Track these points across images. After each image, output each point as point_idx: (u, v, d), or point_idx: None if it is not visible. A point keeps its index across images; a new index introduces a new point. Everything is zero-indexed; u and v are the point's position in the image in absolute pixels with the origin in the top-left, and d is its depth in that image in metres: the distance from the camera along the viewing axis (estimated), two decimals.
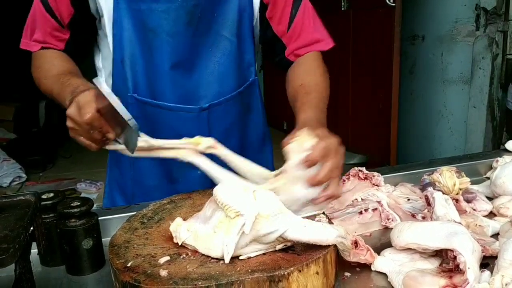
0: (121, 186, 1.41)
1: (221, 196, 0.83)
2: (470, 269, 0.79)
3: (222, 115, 1.33)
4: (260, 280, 0.75)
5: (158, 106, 1.27)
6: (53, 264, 1.01)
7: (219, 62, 1.28)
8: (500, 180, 1.15)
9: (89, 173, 4.65)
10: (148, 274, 0.78)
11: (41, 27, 1.24)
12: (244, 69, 1.34)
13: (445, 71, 3.38)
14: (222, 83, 1.30)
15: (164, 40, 1.21)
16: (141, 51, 1.22)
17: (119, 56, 1.23)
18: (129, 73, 1.24)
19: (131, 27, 1.20)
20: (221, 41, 1.27)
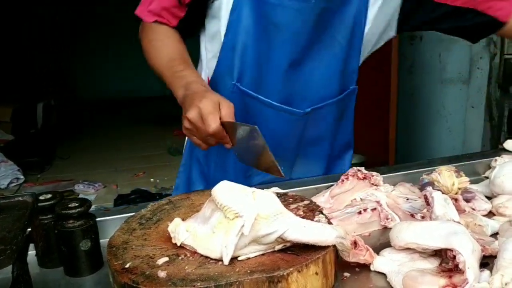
0: (202, 168, 1.43)
1: (220, 197, 0.83)
2: (469, 268, 0.79)
3: (319, 120, 1.34)
4: (259, 281, 0.75)
5: (261, 102, 1.27)
6: (51, 266, 1.00)
7: (327, 66, 1.28)
8: (498, 180, 1.14)
9: (87, 174, 4.64)
10: (147, 275, 0.78)
11: (161, 1, 1.25)
12: (347, 75, 1.34)
13: (444, 71, 3.39)
14: (326, 87, 1.31)
15: (287, 37, 1.21)
16: (256, 43, 1.22)
17: (230, 42, 1.23)
18: (237, 61, 1.24)
19: (250, 18, 1.20)
20: (334, 45, 1.27)
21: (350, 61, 1.32)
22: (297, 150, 1.37)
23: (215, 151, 1.35)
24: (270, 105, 1.27)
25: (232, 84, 1.25)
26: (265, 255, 0.82)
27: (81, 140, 5.77)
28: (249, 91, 1.25)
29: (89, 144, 5.67)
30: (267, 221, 0.80)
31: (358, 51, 1.32)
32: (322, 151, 1.42)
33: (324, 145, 1.41)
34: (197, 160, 1.43)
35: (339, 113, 1.38)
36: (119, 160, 5.12)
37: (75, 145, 5.57)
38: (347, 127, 1.45)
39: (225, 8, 1.21)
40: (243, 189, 0.84)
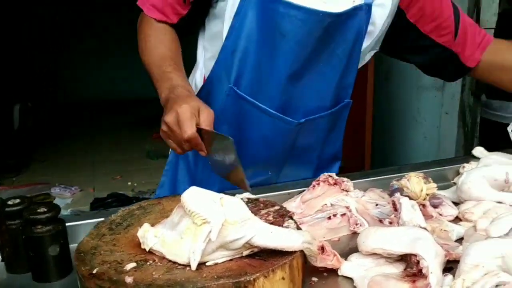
0: (190, 167, 1.42)
1: (188, 203, 0.83)
2: (432, 273, 0.81)
3: (310, 130, 1.35)
4: (226, 286, 0.76)
5: (257, 107, 1.27)
6: (19, 272, 0.99)
7: (324, 79, 1.29)
8: (465, 186, 1.17)
9: (64, 177, 4.58)
10: (114, 281, 0.78)
11: None
12: (342, 89, 1.35)
13: (419, 78, 3.43)
14: (321, 99, 1.32)
15: (291, 47, 1.21)
16: (258, 49, 1.22)
17: (231, 45, 1.22)
18: (236, 65, 1.23)
19: (255, 23, 1.19)
20: (334, 59, 1.27)
21: (347, 76, 1.33)
22: (286, 158, 1.38)
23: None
24: (265, 112, 1.27)
25: (229, 87, 1.25)
26: (232, 260, 0.83)
27: (59, 143, 5.69)
28: (245, 95, 1.25)
29: (67, 147, 5.59)
30: (235, 227, 0.81)
31: (355, 66, 1.33)
32: (310, 160, 1.43)
33: (312, 155, 1.42)
34: (185, 158, 1.42)
35: (330, 125, 1.39)
36: (97, 163, 5.06)
37: (53, 148, 5.50)
38: (336, 138, 1.46)
39: (230, 10, 1.21)
40: (211, 195, 0.85)
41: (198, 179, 1.38)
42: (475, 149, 1.44)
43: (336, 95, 1.34)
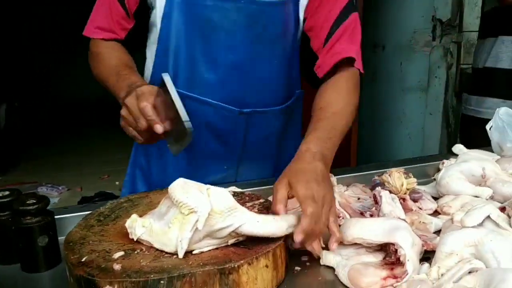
0: (145, 174, 1.43)
1: (176, 193, 0.86)
2: (409, 261, 0.85)
3: (263, 123, 1.35)
4: (211, 272, 0.78)
5: (197, 101, 1.28)
6: (7, 262, 1.01)
7: (272, 72, 1.30)
8: (444, 181, 1.21)
9: (52, 177, 4.57)
10: (102, 268, 0.80)
11: (109, 14, 1.28)
12: (292, 81, 1.36)
13: (404, 79, 3.50)
14: (271, 93, 1.32)
15: (222, 36, 1.23)
16: (189, 45, 1.24)
17: (163, 47, 1.26)
18: (170, 64, 1.26)
19: (181, 22, 1.22)
20: (278, 50, 1.28)
21: (294, 67, 1.35)
22: (240, 153, 1.38)
23: (156, 155, 1.38)
24: (206, 103, 1.28)
25: None
26: (218, 249, 0.85)
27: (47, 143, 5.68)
28: (183, 91, 1.25)
29: (54, 147, 5.59)
30: (222, 216, 0.84)
31: (297, 56, 1.35)
32: (268, 156, 1.43)
33: (269, 151, 1.42)
34: (141, 168, 1.44)
35: (285, 117, 1.40)
36: (84, 163, 5.06)
37: (40, 148, 5.49)
38: (296, 131, 1.47)
39: (159, 15, 1.25)
40: (198, 186, 0.88)
41: (154, 185, 1.38)
42: (454, 146, 1.49)
43: (287, 88, 1.36)
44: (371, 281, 0.85)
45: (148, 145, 1.27)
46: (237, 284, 0.80)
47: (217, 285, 0.79)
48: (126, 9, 1.27)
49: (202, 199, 0.84)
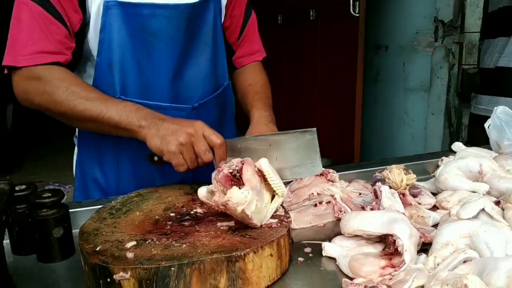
0: (100, 184, 1.42)
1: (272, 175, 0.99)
2: (407, 251, 0.89)
3: (205, 114, 1.42)
4: (219, 260, 0.83)
5: (149, 106, 1.27)
6: (24, 253, 1.06)
7: (203, 66, 1.40)
8: (442, 177, 1.25)
9: (57, 176, 4.63)
10: (116, 257, 0.85)
11: (49, 36, 1.15)
12: (220, 73, 1.47)
13: (407, 80, 3.54)
14: (204, 85, 1.43)
15: (165, 43, 1.29)
16: (135, 54, 1.27)
17: (105, 60, 1.25)
18: (117, 76, 1.27)
19: (123, 31, 1.24)
20: (204, 47, 1.39)
21: (220, 60, 1.47)
22: None
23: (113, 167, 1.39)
24: (159, 107, 1.30)
25: (117, 97, 1.26)
26: (225, 239, 0.90)
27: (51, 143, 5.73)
28: (135, 99, 1.27)
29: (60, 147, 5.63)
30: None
31: (223, 49, 1.47)
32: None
33: None
34: (94, 180, 1.42)
35: (219, 107, 1.51)
36: None
37: (45, 148, 5.54)
38: (230, 119, 1.59)
39: (94, 29, 1.23)
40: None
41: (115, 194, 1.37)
42: (453, 144, 1.52)
43: (216, 79, 1.47)
44: (370, 270, 0.89)
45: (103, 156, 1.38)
46: (243, 272, 0.85)
47: (224, 272, 0.83)
48: (67, 27, 1.18)
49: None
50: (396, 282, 0.84)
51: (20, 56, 1.15)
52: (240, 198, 0.91)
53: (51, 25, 1.15)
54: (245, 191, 0.92)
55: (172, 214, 1.04)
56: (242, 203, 0.90)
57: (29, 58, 1.15)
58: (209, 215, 1.02)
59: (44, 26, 1.15)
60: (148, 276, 0.81)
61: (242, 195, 0.91)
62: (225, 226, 0.96)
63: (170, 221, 1.00)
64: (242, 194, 0.91)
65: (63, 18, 1.17)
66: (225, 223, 0.96)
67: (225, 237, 0.91)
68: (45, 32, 1.15)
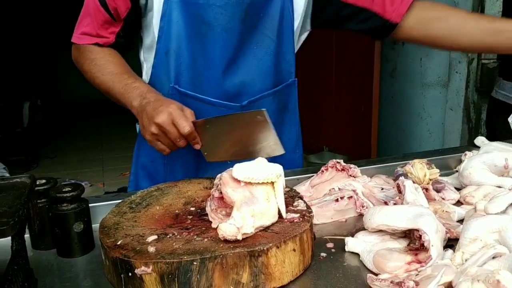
0: (150, 173, 1.46)
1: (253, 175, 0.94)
2: (433, 246, 0.87)
3: None
4: (241, 255, 0.82)
5: (199, 100, 1.32)
6: (44, 248, 1.06)
7: (262, 60, 1.35)
8: (466, 171, 1.22)
9: (74, 173, 4.66)
10: (137, 251, 0.84)
11: (93, 20, 1.29)
12: (283, 69, 1.41)
13: (424, 75, 3.49)
14: (262, 81, 1.37)
15: (218, 34, 1.27)
16: (190, 44, 1.28)
17: (164, 47, 1.29)
18: (172, 64, 1.29)
19: (181, 20, 1.26)
20: (264, 40, 1.33)
21: (284, 55, 1.39)
22: None
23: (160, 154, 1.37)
24: (208, 102, 1.32)
25: (170, 86, 1.31)
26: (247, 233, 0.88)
27: (68, 140, 5.78)
28: (187, 91, 1.31)
29: (75, 144, 5.68)
30: None
31: (291, 45, 1.39)
32: None
33: None
34: (144, 168, 1.47)
35: (279, 105, 1.43)
36: (105, 159, 5.14)
37: (61, 145, 5.59)
38: (293, 119, 1.50)
39: (156, 16, 1.28)
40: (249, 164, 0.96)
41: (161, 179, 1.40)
42: (476, 138, 1.49)
43: (276, 75, 1.39)
44: (395, 266, 0.87)
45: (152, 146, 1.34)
46: (266, 267, 0.83)
47: (247, 267, 0.82)
48: (110, 14, 1.27)
49: (270, 166, 0.94)
50: (423, 278, 0.81)
51: (75, 34, 1.34)
52: (231, 230, 0.87)
53: (98, 11, 1.28)
54: (232, 220, 0.88)
55: (192, 208, 1.03)
56: (235, 233, 0.87)
57: (78, 37, 1.33)
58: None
59: (92, 11, 1.29)
60: (170, 270, 0.80)
61: (230, 227, 0.87)
62: None
63: (191, 216, 0.99)
64: (230, 226, 0.87)
65: (108, 6, 1.26)
66: None
67: None
68: (91, 16, 1.29)
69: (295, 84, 1.45)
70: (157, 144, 1.15)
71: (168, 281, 0.80)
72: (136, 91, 1.19)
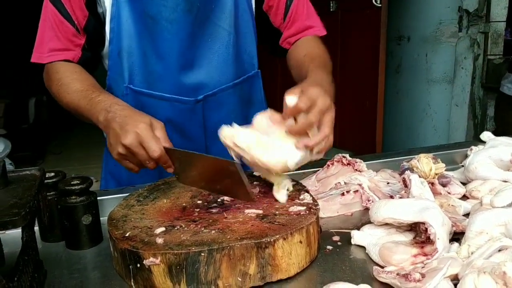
0: (116, 177, 1.45)
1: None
2: (439, 239, 0.87)
3: (217, 106, 1.36)
4: (249, 246, 0.82)
5: (153, 97, 1.30)
6: (52, 240, 1.07)
7: (217, 53, 1.32)
8: (472, 166, 1.23)
9: (79, 169, 4.69)
10: (145, 242, 0.85)
11: (57, 34, 1.24)
12: (244, 61, 1.38)
13: (429, 71, 3.48)
14: (220, 73, 1.34)
15: (164, 27, 1.25)
16: (140, 42, 1.26)
17: (116, 48, 1.27)
18: (125, 64, 1.28)
19: (130, 19, 1.24)
20: (220, 32, 1.31)
21: (243, 47, 1.37)
22: (205, 139, 1.39)
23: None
24: (161, 98, 1.29)
25: (124, 86, 1.29)
26: (253, 225, 0.89)
27: (73, 136, 5.81)
28: (141, 89, 1.28)
29: (80, 140, 5.71)
30: None
31: (251, 36, 1.37)
32: None
33: None
34: (111, 172, 1.47)
35: (242, 98, 1.41)
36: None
37: (66, 141, 5.62)
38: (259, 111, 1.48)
39: (108, 19, 1.26)
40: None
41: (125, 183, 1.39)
42: (482, 133, 1.49)
43: (237, 67, 1.37)
44: (401, 258, 0.87)
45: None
46: (272, 258, 0.84)
47: (254, 258, 0.83)
48: (74, 25, 1.24)
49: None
50: (429, 270, 0.82)
51: (43, 54, 1.27)
52: (226, 132, 0.89)
53: (61, 24, 1.23)
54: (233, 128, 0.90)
55: (199, 201, 1.04)
56: (228, 135, 0.88)
57: (48, 56, 1.26)
58: (236, 202, 1.01)
59: (55, 25, 1.24)
60: (178, 261, 0.81)
61: (228, 130, 0.89)
62: (253, 213, 0.95)
63: (198, 208, 1.00)
64: (228, 129, 0.89)
65: (71, 16, 1.23)
66: (253, 210, 0.96)
67: (254, 223, 0.90)
68: (55, 31, 1.24)
69: (259, 76, 1.44)
70: (125, 163, 1.06)
71: (176, 272, 0.81)
72: (100, 105, 1.11)
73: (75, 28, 1.25)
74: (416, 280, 0.79)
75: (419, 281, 0.79)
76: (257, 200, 1.00)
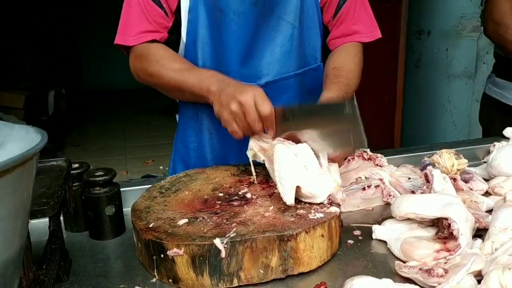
0: (184, 159, 1.49)
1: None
2: (462, 235, 0.87)
3: (277, 92, 1.36)
4: (271, 239, 0.83)
5: None
6: (76, 230, 1.09)
7: (280, 45, 1.35)
8: (495, 162, 1.21)
9: (98, 160, 4.73)
10: (169, 233, 0.86)
11: (147, 17, 1.29)
12: (306, 54, 1.40)
13: (450, 66, 3.43)
14: (281, 64, 1.37)
15: (231, 19, 1.30)
16: (211, 33, 1.31)
17: (192, 39, 1.32)
18: (199, 54, 1.32)
19: (204, 11, 1.29)
20: (284, 25, 1.34)
21: (307, 40, 1.39)
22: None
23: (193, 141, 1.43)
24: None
25: None
26: (275, 218, 0.90)
27: (91, 128, 5.87)
28: None
29: (98, 132, 5.76)
30: None
31: (316, 30, 1.39)
32: None
33: None
34: (179, 153, 1.49)
35: (303, 88, 1.42)
36: (128, 148, 5.21)
37: (85, 133, 5.68)
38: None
39: (184, 10, 1.30)
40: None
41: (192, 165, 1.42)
42: (505, 129, 1.47)
43: (300, 59, 1.39)
44: (424, 254, 0.87)
45: (184, 130, 1.42)
46: (294, 251, 0.84)
47: (276, 251, 0.83)
48: (163, 9, 1.29)
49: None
50: (452, 266, 0.82)
51: (129, 37, 1.31)
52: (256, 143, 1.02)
53: (150, 7, 1.28)
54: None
55: (220, 194, 1.04)
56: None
57: (135, 38, 1.30)
58: (257, 196, 1.02)
59: (144, 9, 1.28)
60: (201, 252, 0.82)
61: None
62: (275, 207, 0.95)
63: (219, 201, 1.01)
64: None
65: (160, 1, 1.28)
66: (275, 204, 0.96)
67: (276, 217, 0.90)
68: (145, 14, 1.29)
69: (320, 69, 1.44)
70: (232, 125, 1.11)
71: (199, 263, 0.82)
72: (214, 78, 1.18)
73: (163, 11, 1.29)
74: (439, 275, 0.78)
75: (442, 276, 0.78)
76: (277, 195, 1.00)
